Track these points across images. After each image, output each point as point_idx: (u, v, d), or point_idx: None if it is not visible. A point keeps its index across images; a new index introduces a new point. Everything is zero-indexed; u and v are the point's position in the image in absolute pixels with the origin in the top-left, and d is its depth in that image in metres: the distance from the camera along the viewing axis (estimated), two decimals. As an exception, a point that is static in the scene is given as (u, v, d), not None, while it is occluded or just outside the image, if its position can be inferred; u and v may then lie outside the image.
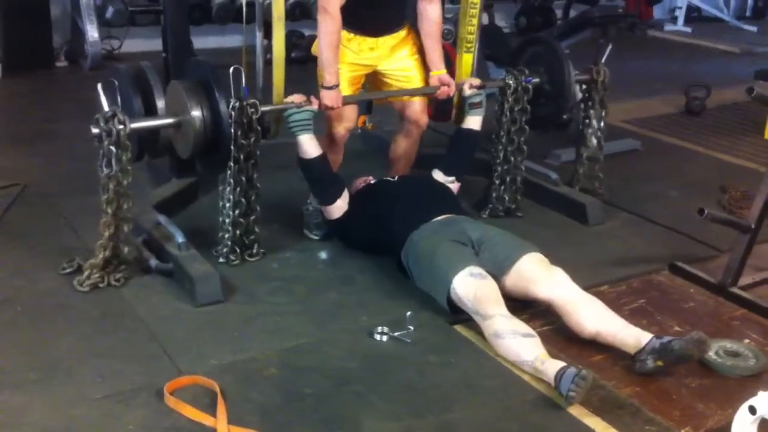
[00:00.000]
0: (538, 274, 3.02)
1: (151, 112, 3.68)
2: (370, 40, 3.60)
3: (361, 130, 4.03)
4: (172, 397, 2.49)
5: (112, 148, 3.04)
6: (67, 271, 3.26)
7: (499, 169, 3.98)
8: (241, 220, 3.35)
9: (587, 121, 4.17)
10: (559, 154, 4.81)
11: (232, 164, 3.24)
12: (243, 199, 3.33)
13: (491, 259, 3.07)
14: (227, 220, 3.35)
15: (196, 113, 3.20)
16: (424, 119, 3.80)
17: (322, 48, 3.42)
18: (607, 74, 4.12)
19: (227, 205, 3.33)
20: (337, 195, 3.51)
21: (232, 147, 3.20)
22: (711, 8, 10.54)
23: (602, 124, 4.16)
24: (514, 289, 3.06)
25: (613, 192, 4.26)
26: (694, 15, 10.45)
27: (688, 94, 6.27)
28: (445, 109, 4.34)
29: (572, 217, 4.04)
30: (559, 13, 9.46)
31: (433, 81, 3.69)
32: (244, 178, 3.29)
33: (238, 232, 3.36)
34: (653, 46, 9.10)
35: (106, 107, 3.07)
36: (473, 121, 3.82)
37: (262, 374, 2.68)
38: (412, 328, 2.92)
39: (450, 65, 4.38)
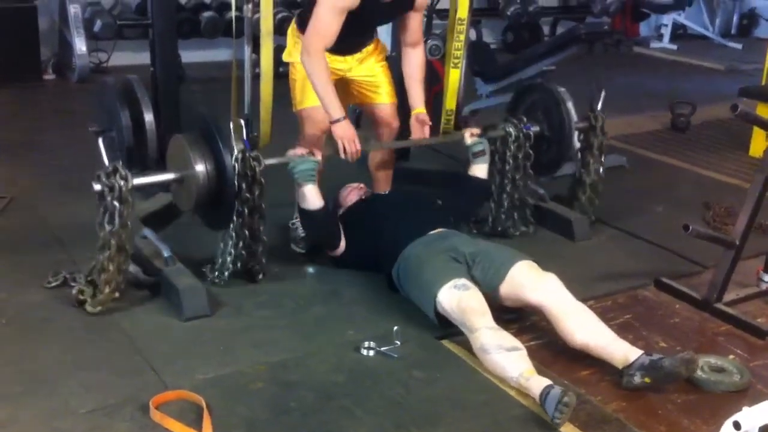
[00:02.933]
0: (531, 280, 3.03)
1: (139, 126, 3.69)
2: (339, 56, 3.62)
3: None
4: (158, 411, 2.48)
5: (116, 203, 3.00)
6: (53, 284, 3.25)
7: (502, 216, 3.99)
8: (240, 271, 3.32)
9: (585, 168, 4.15)
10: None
11: (235, 218, 3.20)
12: (244, 253, 3.29)
13: (486, 269, 3.09)
14: (225, 274, 3.31)
15: (199, 167, 3.14)
16: (395, 123, 3.79)
17: (316, 88, 3.40)
18: (604, 121, 4.10)
19: (228, 259, 3.28)
20: (339, 241, 3.48)
21: (235, 201, 3.17)
22: (696, 26, 10.63)
23: (601, 170, 4.14)
24: (509, 297, 3.07)
25: (599, 208, 4.28)
26: (679, 32, 10.53)
27: (673, 110, 6.32)
28: (433, 124, 4.36)
29: (559, 233, 4.06)
30: (546, 29, 9.55)
31: (412, 120, 3.69)
32: (247, 232, 3.26)
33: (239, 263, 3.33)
34: (639, 63, 9.16)
35: (106, 162, 3.03)
36: (479, 169, 3.79)
37: (249, 388, 2.67)
38: (398, 342, 2.92)
39: (438, 81, 4.41)
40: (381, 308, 3.22)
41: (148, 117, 3.70)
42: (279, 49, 3.62)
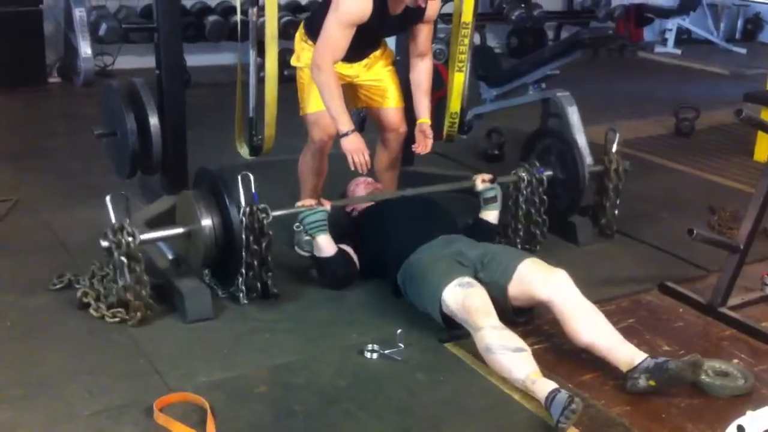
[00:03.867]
0: (540, 275, 3.02)
1: (144, 129, 3.70)
2: (347, 63, 3.62)
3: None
4: (162, 414, 2.48)
5: (123, 259, 2.98)
6: (58, 287, 3.26)
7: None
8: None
9: (602, 209, 4.12)
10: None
11: (244, 271, 3.19)
12: (258, 284, 3.27)
13: (494, 270, 3.08)
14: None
15: (207, 222, 3.13)
16: (402, 128, 3.80)
17: (326, 99, 3.41)
18: (620, 163, 4.06)
19: (241, 296, 3.24)
20: (354, 278, 3.45)
21: (244, 253, 3.15)
22: (701, 30, 10.63)
23: (616, 212, 4.11)
24: (518, 295, 3.06)
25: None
26: (684, 37, 10.53)
27: (677, 115, 6.31)
28: (437, 128, 4.36)
29: (562, 237, 4.06)
30: (550, 34, 9.56)
31: (416, 130, 3.67)
32: (259, 284, 3.25)
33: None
34: (643, 68, 9.17)
35: (113, 219, 3.02)
36: (490, 215, 3.72)
37: (252, 391, 2.67)
38: (402, 346, 2.92)
39: (442, 85, 4.41)
40: (384, 311, 3.22)
41: (153, 120, 3.71)
42: (284, 53, 3.63)
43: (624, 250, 4.04)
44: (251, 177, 3.19)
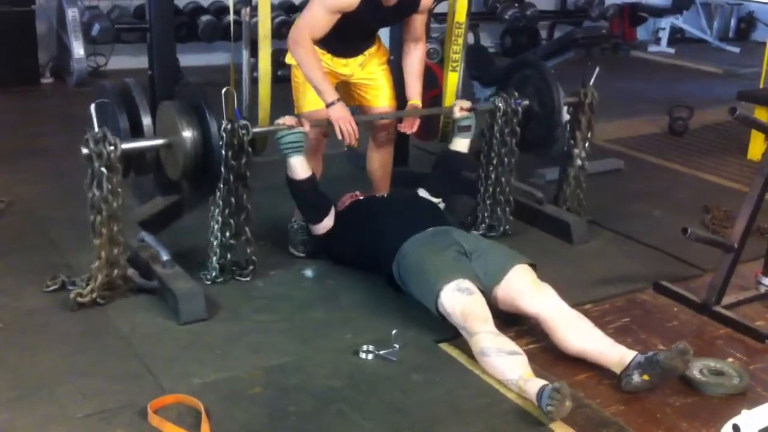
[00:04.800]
0: (527, 289, 3.03)
1: (137, 129, 3.68)
2: (342, 60, 3.62)
3: (347, 148, 4.03)
4: (156, 415, 2.47)
5: (103, 169, 3.02)
6: (51, 288, 3.25)
7: (490, 189, 3.98)
8: (231, 241, 3.34)
9: (573, 142, 4.19)
10: (543, 173, 4.83)
11: (221, 185, 3.23)
12: (232, 221, 3.31)
13: (483, 269, 3.08)
14: (215, 242, 3.33)
15: (187, 134, 3.18)
16: (392, 126, 3.81)
17: (307, 73, 3.43)
18: (594, 96, 4.11)
19: (216, 227, 3.31)
20: (324, 214, 3.52)
21: (222, 168, 3.20)
22: (694, 30, 10.65)
23: (587, 145, 4.16)
24: (503, 301, 3.07)
25: (597, 211, 4.28)
26: (677, 36, 10.55)
27: (671, 114, 6.32)
28: (431, 128, 4.37)
29: (557, 236, 4.06)
30: (543, 33, 9.56)
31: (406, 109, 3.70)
32: (233, 199, 3.28)
33: (228, 255, 3.35)
34: (637, 67, 9.18)
35: (96, 128, 3.04)
36: (461, 144, 3.81)
37: (247, 393, 2.67)
38: (397, 346, 2.91)
39: (436, 85, 4.41)
40: (379, 312, 3.22)
41: (146, 121, 3.69)
42: (277, 53, 3.63)
43: (618, 249, 4.04)
44: (234, 93, 3.20)
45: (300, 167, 3.42)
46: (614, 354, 2.81)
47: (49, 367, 2.76)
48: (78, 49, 6.60)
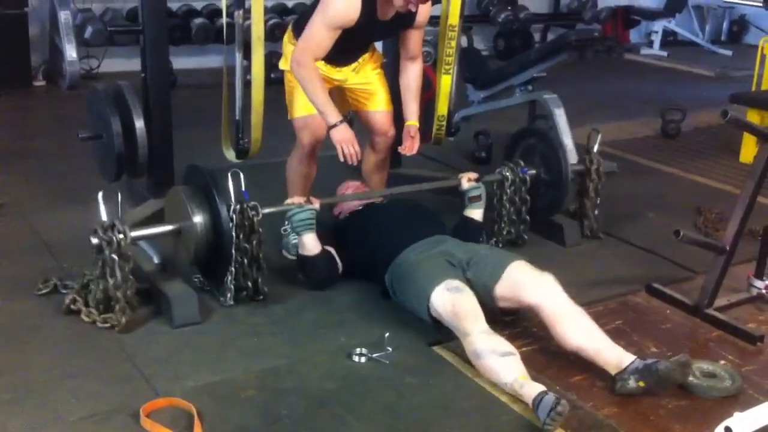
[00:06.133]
0: (529, 278, 3.03)
1: (129, 131, 3.68)
2: (335, 68, 3.62)
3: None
4: (148, 419, 2.47)
5: (114, 257, 2.97)
6: (43, 291, 3.24)
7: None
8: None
9: (584, 210, 4.14)
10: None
11: (233, 269, 3.18)
12: (249, 284, 3.25)
13: (482, 271, 3.08)
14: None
15: (198, 219, 3.13)
16: (390, 131, 3.79)
17: (310, 95, 3.41)
18: (601, 163, 4.09)
19: (228, 296, 3.23)
20: (337, 279, 3.45)
21: (233, 251, 3.15)
22: (687, 32, 10.67)
23: (596, 212, 4.13)
24: (505, 296, 3.06)
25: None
26: (670, 39, 10.57)
27: (664, 117, 6.34)
28: (425, 131, 4.37)
29: (550, 239, 4.07)
30: (537, 36, 9.57)
31: (404, 132, 3.68)
32: (249, 284, 3.24)
33: None
34: (630, 70, 9.19)
35: (104, 217, 3.00)
36: (475, 214, 3.73)
37: (240, 396, 2.66)
38: (390, 349, 2.92)
39: (430, 87, 4.41)
40: (373, 315, 3.22)
41: (139, 123, 3.69)
42: (270, 56, 3.63)
43: (611, 251, 4.05)
44: (241, 174, 3.19)
45: (312, 244, 3.35)
46: (612, 355, 2.81)
47: (42, 370, 2.75)
48: (70, 52, 6.56)
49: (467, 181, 3.74)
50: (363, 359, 2.89)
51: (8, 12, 6.49)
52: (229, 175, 3.16)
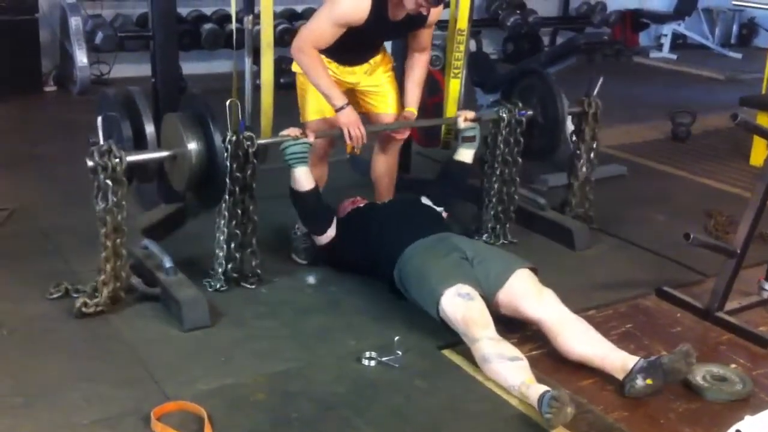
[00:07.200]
0: (529, 293, 3.03)
1: (140, 137, 3.69)
2: (348, 68, 3.64)
3: (350, 155, 4.05)
4: (159, 422, 2.47)
5: (108, 182, 3.03)
6: (55, 296, 3.25)
7: (493, 199, 3.97)
8: (237, 253, 3.34)
9: (578, 152, 4.18)
10: (546, 179, 4.84)
11: (227, 197, 3.23)
12: (238, 231, 3.31)
13: (485, 274, 3.09)
14: (221, 254, 3.33)
15: (192, 146, 3.19)
16: (400, 133, 3.81)
17: (313, 80, 3.44)
18: (599, 106, 4.11)
19: (221, 238, 3.31)
20: (327, 226, 3.52)
21: (227, 180, 3.20)
22: (696, 35, 10.64)
23: (592, 155, 4.16)
24: (505, 305, 3.07)
25: (599, 217, 4.29)
26: (679, 42, 10.54)
27: (673, 120, 6.32)
28: (434, 135, 4.37)
29: (559, 243, 4.06)
30: (546, 39, 9.57)
31: (401, 115, 3.72)
32: (239, 211, 3.28)
33: (231, 264, 3.35)
34: (639, 73, 9.18)
35: (102, 140, 3.05)
36: (466, 154, 3.81)
37: (250, 399, 2.67)
38: (399, 352, 2.92)
39: (438, 91, 4.42)
40: (382, 318, 3.22)
41: (149, 129, 3.70)
42: (279, 61, 3.64)
43: (620, 254, 4.04)
44: (239, 104, 3.21)
45: (304, 178, 3.42)
46: (617, 359, 2.81)
47: (53, 374, 2.77)
48: (81, 58, 6.61)
49: (464, 120, 3.78)
50: (372, 362, 2.89)
51: (19, 18, 6.52)
52: (227, 104, 3.19)
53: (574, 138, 4.20)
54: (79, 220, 3.84)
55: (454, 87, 4.14)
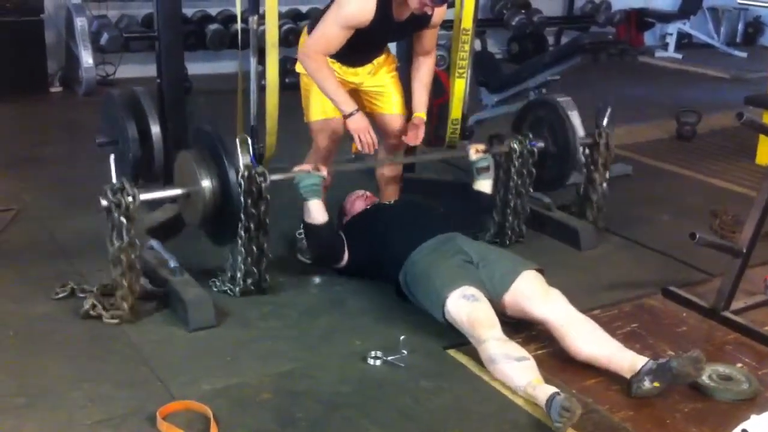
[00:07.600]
0: (536, 294, 3.03)
1: (145, 137, 3.70)
2: (351, 69, 3.64)
3: (354, 155, 4.04)
4: (165, 422, 2.48)
5: (123, 219, 3.02)
6: (60, 296, 3.26)
7: (508, 234, 3.98)
8: (252, 287, 3.33)
9: (591, 185, 4.15)
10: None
11: (242, 233, 3.22)
12: (254, 269, 3.30)
13: (490, 277, 3.08)
14: (236, 289, 3.31)
15: (206, 183, 3.18)
16: (403, 131, 3.79)
17: (321, 86, 3.45)
18: (610, 137, 4.09)
19: (238, 274, 3.29)
20: (341, 255, 3.46)
21: (242, 216, 3.19)
22: (701, 35, 10.62)
23: (605, 186, 4.14)
24: (512, 307, 3.07)
25: (605, 217, 4.28)
26: (684, 41, 10.52)
27: (678, 119, 6.31)
28: (439, 135, 4.37)
29: (565, 242, 4.06)
30: (550, 39, 9.56)
31: (410, 123, 3.70)
32: (254, 248, 3.27)
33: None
34: (644, 72, 9.16)
35: (115, 179, 3.05)
36: (484, 185, 3.76)
37: (255, 399, 2.67)
38: (405, 352, 2.91)
39: (443, 91, 4.41)
40: (387, 318, 3.22)
41: (155, 129, 3.71)
42: (284, 61, 3.64)
43: (626, 254, 4.03)
44: (249, 140, 3.20)
45: (318, 212, 3.38)
46: (624, 359, 2.81)
47: (58, 374, 2.77)
48: (87, 58, 6.63)
49: (475, 152, 3.76)
50: (378, 362, 2.89)
51: (25, 19, 6.54)
52: (237, 140, 3.19)
53: (585, 170, 4.18)
54: (84, 220, 3.85)
55: (459, 87, 4.13)
